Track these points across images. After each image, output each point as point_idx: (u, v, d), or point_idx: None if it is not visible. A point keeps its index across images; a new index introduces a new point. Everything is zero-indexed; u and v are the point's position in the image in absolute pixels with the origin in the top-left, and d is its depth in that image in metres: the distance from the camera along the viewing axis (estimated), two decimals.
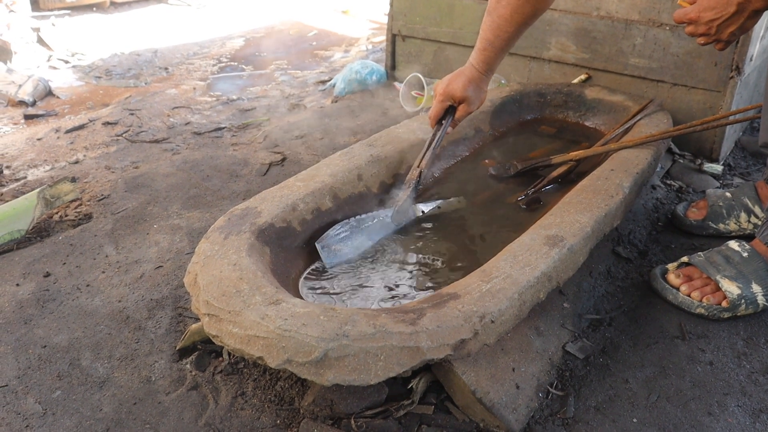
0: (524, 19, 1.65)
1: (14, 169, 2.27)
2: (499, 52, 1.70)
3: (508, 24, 1.66)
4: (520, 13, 1.64)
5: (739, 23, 1.46)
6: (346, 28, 4.56)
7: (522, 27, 1.67)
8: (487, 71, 1.74)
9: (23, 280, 1.57)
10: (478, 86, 1.74)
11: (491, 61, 1.72)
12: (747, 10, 1.43)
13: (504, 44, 1.69)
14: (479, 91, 1.75)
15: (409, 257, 1.49)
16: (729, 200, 1.77)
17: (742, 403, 1.25)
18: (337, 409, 1.14)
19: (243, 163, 2.20)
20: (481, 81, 1.75)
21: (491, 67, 1.73)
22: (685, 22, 1.52)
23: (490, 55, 1.71)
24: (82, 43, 3.94)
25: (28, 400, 1.21)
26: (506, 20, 1.65)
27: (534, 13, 1.65)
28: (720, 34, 1.49)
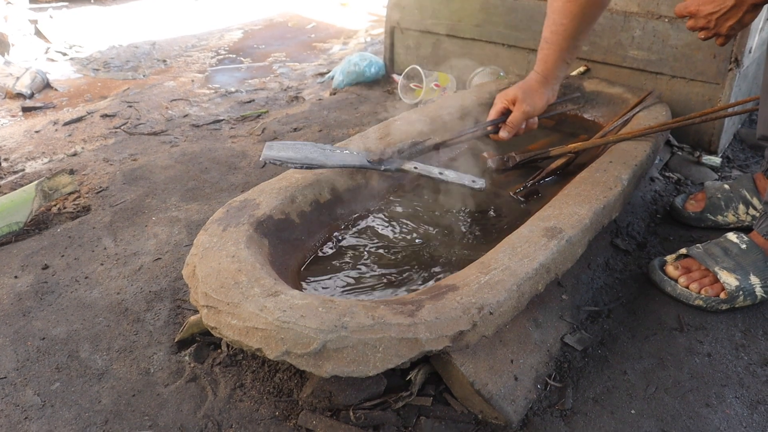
0: (580, 8, 1.55)
1: (12, 161, 2.26)
2: (557, 51, 1.62)
3: (562, 16, 1.57)
4: (573, 1, 1.55)
5: (737, 17, 1.46)
6: (345, 21, 4.55)
7: (580, 20, 1.57)
8: (545, 72, 1.66)
9: (22, 272, 1.57)
10: (532, 87, 1.67)
11: (548, 60, 1.64)
12: (745, 3, 1.43)
13: (561, 41, 1.60)
14: (534, 93, 1.67)
15: (406, 248, 1.48)
16: (727, 192, 1.77)
17: (740, 394, 1.25)
18: (336, 400, 1.14)
19: (241, 156, 2.20)
20: (538, 82, 1.67)
21: (548, 67, 1.65)
22: (686, 15, 1.52)
23: (547, 53, 1.63)
24: (79, 35, 3.93)
25: (27, 392, 1.21)
26: (560, 12, 1.57)
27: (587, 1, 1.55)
28: (719, 27, 1.49)
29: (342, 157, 1.51)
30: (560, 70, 1.65)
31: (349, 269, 1.40)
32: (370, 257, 1.45)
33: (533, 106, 1.66)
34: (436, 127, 1.89)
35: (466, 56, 2.66)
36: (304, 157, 1.46)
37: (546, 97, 1.67)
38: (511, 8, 2.46)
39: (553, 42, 1.60)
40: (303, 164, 1.45)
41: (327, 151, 1.51)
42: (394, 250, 1.48)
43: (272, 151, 1.45)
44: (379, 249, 1.48)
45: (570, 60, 1.65)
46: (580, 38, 1.61)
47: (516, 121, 1.67)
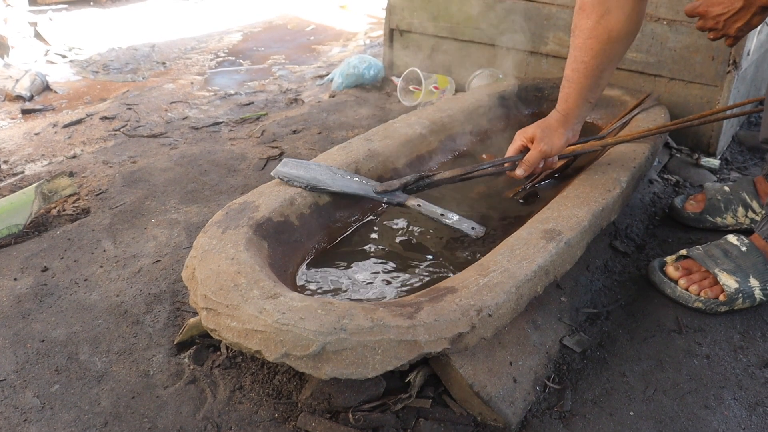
0: (601, 46, 1.47)
1: (12, 163, 2.26)
2: (578, 90, 1.53)
3: (583, 53, 1.49)
4: (595, 38, 1.46)
5: (746, 19, 1.47)
6: (344, 23, 4.56)
7: (602, 58, 1.48)
8: (566, 111, 1.57)
9: (21, 274, 1.57)
10: (552, 126, 1.58)
11: (569, 99, 1.55)
12: (754, 5, 1.44)
13: (583, 79, 1.52)
14: (553, 132, 1.57)
15: (405, 250, 1.49)
16: (727, 194, 1.77)
17: (739, 396, 1.26)
18: (335, 402, 1.14)
19: (241, 158, 2.20)
20: (558, 121, 1.58)
21: (569, 106, 1.56)
22: (694, 15, 1.53)
23: (568, 92, 1.54)
24: (79, 38, 3.93)
25: (27, 394, 1.21)
26: (581, 50, 1.50)
27: (609, 37, 1.46)
28: (727, 29, 1.50)
29: (348, 183, 1.53)
30: (581, 109, 1.57)
31: (348, 271, 1.41)
32: (368, 258, 1.45)
33: (551, 146, 1.57)
34: (436, 129, 1.89)
35: (464, 58, 2.66)
36: (312, 177, 1.50)
37: (565, 137, 1.59)
38: (509, 11, 2.47)
39: (574, 80, 1.53)
40: (309, 184, 1.49)
41: (337, 176, 1.53)
42: (392, 251, 1.49)
43: (285, 168, 1.51)
44: (378, 251, 1.48)
45: (593, 99, 1.57)
46: (603, 77, 1.53)
47: (532, 160, 1.58)
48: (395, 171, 1.72)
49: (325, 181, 1.49)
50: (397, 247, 1.50)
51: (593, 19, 1.45)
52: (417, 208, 1.52)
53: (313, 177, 1.50)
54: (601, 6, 1.44)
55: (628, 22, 1.45)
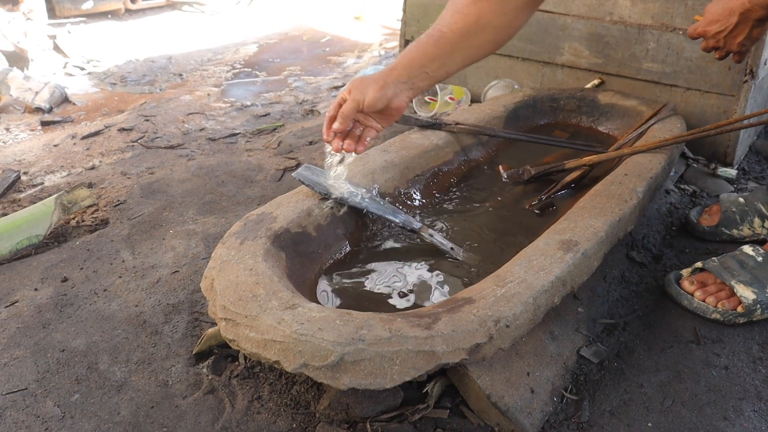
0: (465, 25, 1.41)
1: (31, 175, 2.29)
2: (419, 52, 1.43)
3: (444, 25, 1.43)
4: (463, 15, 1.41)
5: (745, 33, 1.47)
6: (359, 34, 4.58)
7: (460, 37, 1.42)
8: (395, 65, 1.44)
9: (41, 284, 1.59)
10: (371, 77, 1.43)
11: (406, 56, 1.43)
12: (750, 19, 1.44)
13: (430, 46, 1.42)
14: (370, 82, 1.42)
15: (423, 262, 1.49)
16: (742, 206, 1.76)
17: (758, 407, 1.25)
18: (353, 413, 1.14)
19: (257, 169, 2.22)
20: (381, 73, 1.44)
21: (401, 62, 1.43)
22: (696, 37, 1.54)
23: (408, 49, 1.44)
24: (97, 50, 3.98)
25: (47, 403, 1.22)
26: (444, 20, 1.43)
27: (477, 21, 1.41)
28: (729, 45, 1.51)
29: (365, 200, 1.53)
30: (414, 73, 1.42)
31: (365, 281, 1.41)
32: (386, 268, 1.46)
33: (364, 95, 1.40)
34: (452, 140, 1.90)
35: (480, 69, 2.67)
36: (331, 186, 1.50)
37: (383, 92, 1.40)
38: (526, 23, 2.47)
39: (421, 43, 1.43)
40: (327, 192, 1.49)
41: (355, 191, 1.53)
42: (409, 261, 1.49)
43: (307, 172, 1.52)
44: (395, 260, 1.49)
45: (431, 73, 1.44)
46: (453, 58, 1.44)
47: (346, 110, 1.41)
48: (412, 181, 1.72)
49: (344, 192, 1.50)
50: (414, 257, 1.51)
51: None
52: (429, 237, 1.52)
53: (332, 185, 1.50)
54: None
55: (502, 16, 1.42)
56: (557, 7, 2.37)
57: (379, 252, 1.52)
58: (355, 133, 1.45)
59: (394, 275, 1.44)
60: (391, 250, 1.53)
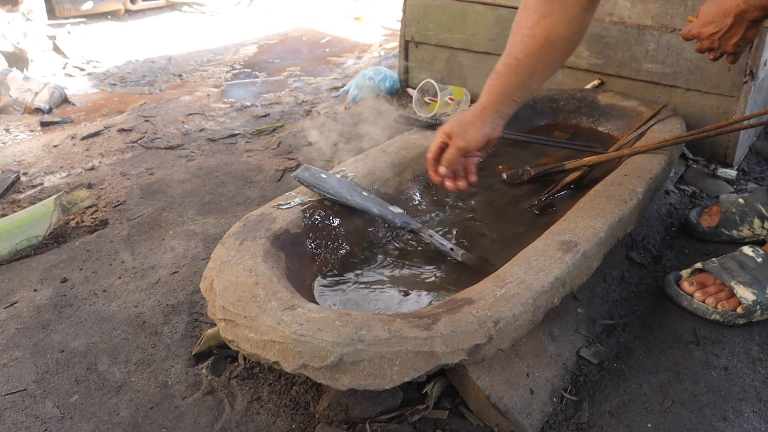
0: (537, 45, 1.42)
1: (31, 175, 2.29)
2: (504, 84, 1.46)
3: (518, 51, 1.45)
4: (532, 37, 1.43)
5: (740, 34, 1.47)
6: (359, 35, 4.57)
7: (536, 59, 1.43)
8: (486, 103, 1.48)
9: (41, 285, 1.59)
10: (468, 120, 1.50)
11: (492, 91, 1.48)
12: (745, 20, 1.44)
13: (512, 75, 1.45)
14: (469, 126, 1.49)
15: (422, 262, 1.49)
16: (742, 206, 1.76)
17: (758, 408, 1.25)
18: (352, 413, 1.14)
19: (257, 170, 2.22)
20: (475, 115, 1.50)
21: (490, 99, 1.48)
22: (690, 38, 1.54)
23: (493, 84, 1.48)
24: (97, 51, 3.97)
25: (47, 404, 1.22)
26: (516, 47, 1.45)
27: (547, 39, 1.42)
28: (724, 47, 1.51)
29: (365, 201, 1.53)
30: (503, 104, 1.48)
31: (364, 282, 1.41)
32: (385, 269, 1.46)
33: (467, 141, 1.49)
34: None
35: (480, 70, 2.67)
36: (330, 187, 1.50)
37: (482, 131, 1.49)
38: None
39: (503, 74, 1.46)
40: (327, 193, 1.49)
41: (356, 192, 1.54)
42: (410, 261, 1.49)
43: (306, 173, 1.52)
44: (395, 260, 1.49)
45: (518, 98, 1.48)
46: (535, 78, 1.47)
47: (451, 157, 1.51)
48: (412, 181, 1.72)
49: (343, 194, 1.50)
50: (414, 258, 1.51)
51: (534, 18, 1.43)
52: (428, 238, 1.52)
53: (332, 187, 1.50)
54: (543, 7, 1.42)
55: (568, 28, 1.43)
56: None
57: (379, 252, 1.52)
58: (459, 168, 1.57)
59: (394, 276, 1.44)
60: (391, 251, 1.53)
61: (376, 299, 1.36)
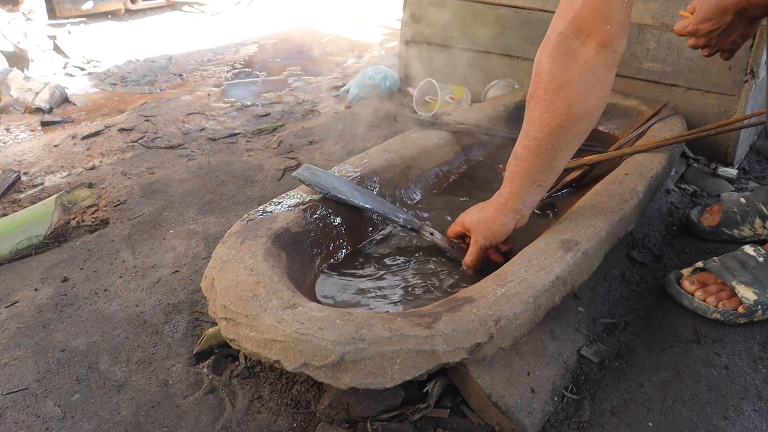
0: (558, 121, 1.25)
1: (32, 175, 2.29)
2: (526, 170, 1.31)
3: (537, 129, 1.27)
4: (551, 112, 1.25)
5: (738, 32, 1.46)
6: (359, 34, 4.57)
7: (558, 135, 1.26)
8: (509, 194, 1.36)
9: (42, 284, 1.59)
10: (490, 216, 1.39)
11: (514, 180, 1.34)
12: (745, 18, 1.43)
13: (533, 158, 1.30)
14: (491, 222, 1.39)
15: (424, 260, 1.49)
16: (743, 206, 1.76)
17: (759, 407, 1.25)
18: (353, 412, 1.14)
19: (258, 169, 2.22)
20: (497, 209, 1.38)
21: (513, 188, 1.35)
22: (685, 34, 1.52)
23: (514, 171, 1.33)
24: (97, 51, 3.97)
25: (48, 403, 1.22)
26: (535, 124, 1.28)
27: (569, 112, 1.24)
28: (721, 44, 1.49)
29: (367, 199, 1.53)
30: (528, 193, 1.35)
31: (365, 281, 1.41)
32: (386, 268, 1.46)
33: (490, 238, 1.39)
34: (452, 140, 1.90)
35: (481, 69, 2.67)
36: (332, 186, 1.50)
37: (506, 225, 1.38)
38: (525, 21, 2.47)
39: (524, 159, 1.31)
40: (328, 192, 1.49)
41: (356, 191, 1.54)
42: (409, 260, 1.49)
43: (307, 172, 1.52)
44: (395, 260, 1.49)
45: (543, 183, 1.34)
46: (559, 158, 1.32)
47: (476, 258, 1.41)
48: (413, 181, 1.72)
49: (344, 192, 1.50)
50: (414, 257, 1.50)
51: (551, 89, 1.25)
52: (429, 236, 1.51)
53: (333, 186, 1.50)
54: (561, 74, 1.24)
55: (591, 96, 1.25)
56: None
57: (380, 251, 1.52)
58: None
59: (394, 274, 1.44)
60: (391, 250, 1.53)
61: (376, 298, 1.36)
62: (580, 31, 1.25)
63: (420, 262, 1.49)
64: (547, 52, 1.28)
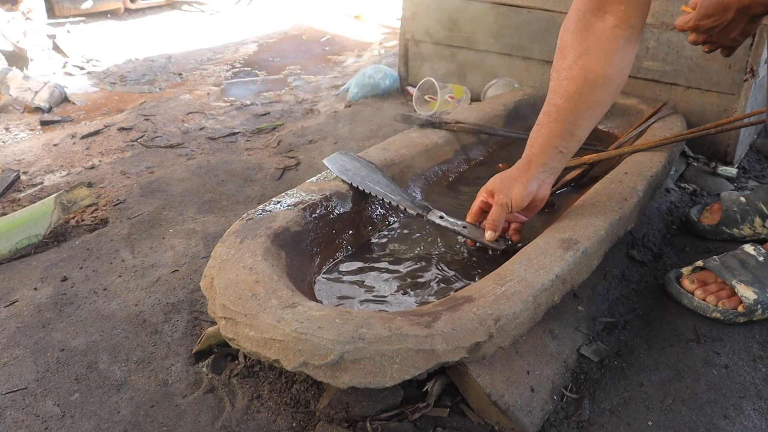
0: (576, 87, 1.33)
1: (31, 174, 2.29)
2: (546, 135, 1.38)
3: (556, 96, 1.36)
4: (569, 79, 1.34)
5: (739, 29, 1.45)
6: (359, 33, 4.58)
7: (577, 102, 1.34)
8: (529, 156, 1.41)
9: (41, 284, 1.59)
10: (512, 175, 1.41)
11: (535, 143, 1.40)
12: (746, 15, 1.42)
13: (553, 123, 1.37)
14: (513, 181, 1.40)
15: (423, 260, 1.49)
16: (743, 205, 1.76)
17: (758, 406, 1.25)
18: (353, 411, 1.14)
19: (257, 168, 2.22)
20: (520, 169, 1.41)
21: (534, 151, 1.40)
22: (686, 30, 1.52)
23: (535, 136, 1.40)
24: (97, 50, 3.97)
25: (47, 402, 1.22)
26: (555, 91, 1.37)
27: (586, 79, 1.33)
28: (722, 40, 1.49)
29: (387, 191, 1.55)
30: (549, 157, 1.39)
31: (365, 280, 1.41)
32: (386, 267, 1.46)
33: (509, 197, 1.39)
34: (451, 139, 1.90)
35: (480, 68, 2.67)
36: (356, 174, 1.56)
37: (528, 188, 1.39)
38: (525, 20, 2.47)
39: (544, 125, 1.39)
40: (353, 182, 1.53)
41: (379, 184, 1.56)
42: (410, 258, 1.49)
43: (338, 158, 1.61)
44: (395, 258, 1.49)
45: (565, 149, 1.39)
46: (579, 124, 1.37)
47: (497, 218, 1.41)
48: (412, 180, 1.72)
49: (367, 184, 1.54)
50: (415, 255, 1.50)
51: (570, 58, 1.34)
52: (439, 220, 1.49)
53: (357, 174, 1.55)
54: (579, 45, 1.34)
55: (608, 65, 1.33)
56: (558, 5, 2.37)
57: (380, 250, 1.52)
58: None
59: (394, 273, 1.44)
60: (391, 249, 1.53)
61: (376, 296, 1.36)
62: (599, 9, 1.35)
63: (420, 261, 1.48)
64: (567, 27, 1.39)
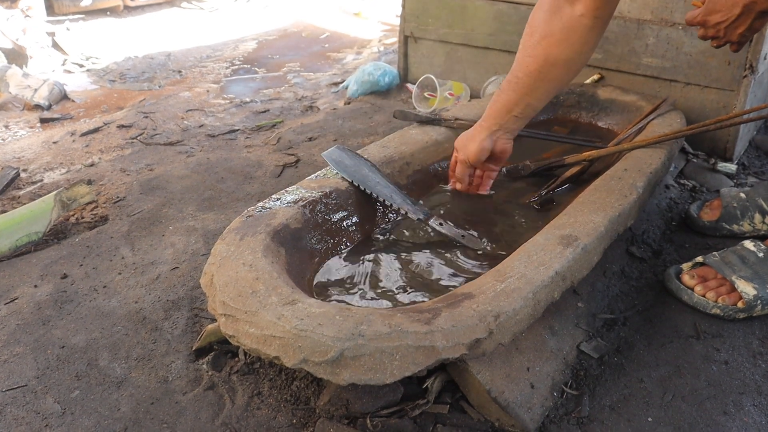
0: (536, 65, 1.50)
1: (31, 172, 2.29)
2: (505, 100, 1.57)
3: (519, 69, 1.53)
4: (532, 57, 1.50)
5: (746, 24, 1.45)
6: (358, 30, 4.57)
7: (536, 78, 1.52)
8: (487, 116, 1.61)
9: (41, 281, 1.59)
10: (470, 133, 1.64)
11: (494, 105, 1.59)
12: (753, 11, 1.42)
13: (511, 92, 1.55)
14: (469, 138, 1.63)
15: (423, 256, 1.49)
16: (743, 201, 1.76)
17: (758, 402, 1.25)
18: (353, 408, 1.14)
19: (257, 165, 2.21)
20: (476, 127, 1.63)
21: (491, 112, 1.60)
22: (695, 25, 1.53)
23: (495, 98, 1.59)
24: (96, 47, 3.97)
25: (47, 399, 1.22)
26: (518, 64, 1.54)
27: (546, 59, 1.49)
28: (729, 36, 1.49)
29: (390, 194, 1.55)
30: (505, 119, 1.58)
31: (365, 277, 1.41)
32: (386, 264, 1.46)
33: (466, 153, 1.62)
34: (451, 136, 1.89)
35: (479, 65, 2.67)
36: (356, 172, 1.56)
37: (482, 144, 1.60)
38: (524, 17, 2.46)
39: (504, 91, 1.56)
40: (353, 179, 1.54)
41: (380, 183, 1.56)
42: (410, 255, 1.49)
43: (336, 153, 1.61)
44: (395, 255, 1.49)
45: (520, 115, 1.58)
46: (535, 96, 1.55)
47: (458, 171, 1.68)
48: (411, 177, 1.72)
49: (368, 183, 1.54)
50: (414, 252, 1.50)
51: (536, 38, 1.49)
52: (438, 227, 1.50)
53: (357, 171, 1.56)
54: (546, 26, 1.48)
55: (570, 49, 1.48)
56: None
57: (380, 248, 1.52)
58: (472, 180, 1.72)
59: (394, 271, 1.44)
60: (391, 248, 1.53)
61: (376, 294, 1.36)
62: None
63: (420, 259, 1.48)
64: (541, 5, 1.51)
